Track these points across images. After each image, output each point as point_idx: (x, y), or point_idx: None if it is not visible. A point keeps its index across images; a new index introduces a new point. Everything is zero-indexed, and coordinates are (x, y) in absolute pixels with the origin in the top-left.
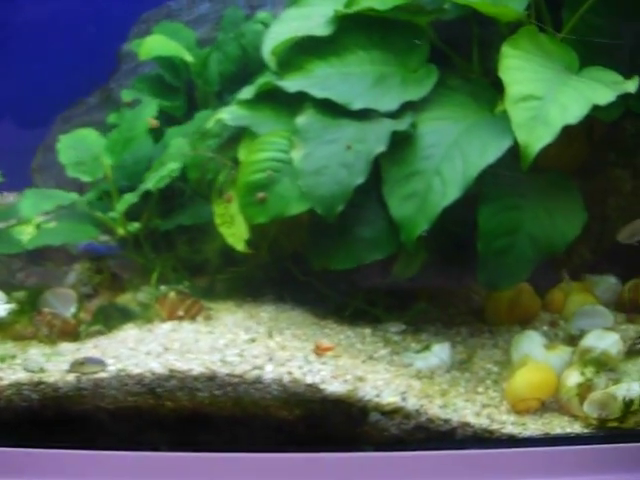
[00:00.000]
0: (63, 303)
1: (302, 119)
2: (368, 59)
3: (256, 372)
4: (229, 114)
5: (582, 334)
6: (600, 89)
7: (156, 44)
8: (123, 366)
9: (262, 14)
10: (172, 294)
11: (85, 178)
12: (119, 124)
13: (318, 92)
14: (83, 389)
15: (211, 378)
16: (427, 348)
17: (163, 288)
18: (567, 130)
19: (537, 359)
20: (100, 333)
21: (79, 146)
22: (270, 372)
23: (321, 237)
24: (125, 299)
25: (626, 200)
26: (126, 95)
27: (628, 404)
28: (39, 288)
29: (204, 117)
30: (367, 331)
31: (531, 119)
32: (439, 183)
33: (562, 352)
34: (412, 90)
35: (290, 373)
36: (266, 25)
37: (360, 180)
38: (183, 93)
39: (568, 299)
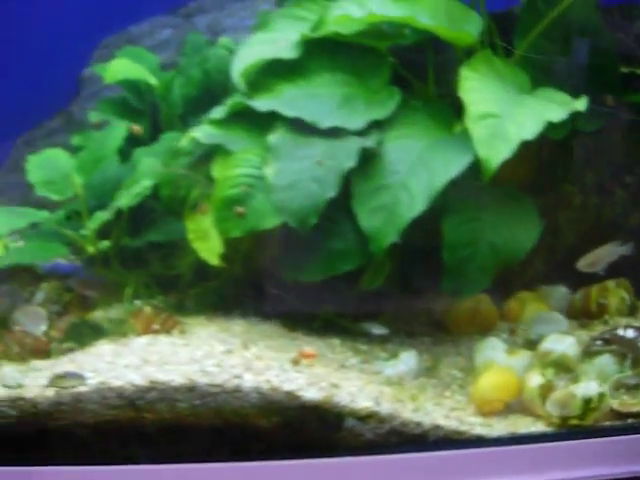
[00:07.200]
0: (33, 321)
1: (274, 137)
2: (333, 81)
3: (235, 381)
4: (202, 132)
5: (540, 339)
6: (552, 108)
7: (121, 67)
8: (103, 379)
9: (225, 39)
10: (147, 308)
11: (54, 197)
12: (86, 145)
13: (288, 111)
14: (63, 404)
15: (191, 389)
16: (395, 356)
17: (137, 303)
18: (520, 148)
19: (500, 363)
20: (72, 350)
21: (48, 165)
22: (249, 381)
23: (292, 250)
24: (95, 316)
25: (576, 213)
26: (93, 116)
27: (587, 402)
28: (8, 307)
29: (171, 138)
30: (336, 341)
31: (491, 136)
32: (406, 196)
33: (522, 356)
34: (377, 110)
35: (268, 381)
36: (229, 50)
37: (331, 194)
38: (147, 116)
39: (525, 308)
